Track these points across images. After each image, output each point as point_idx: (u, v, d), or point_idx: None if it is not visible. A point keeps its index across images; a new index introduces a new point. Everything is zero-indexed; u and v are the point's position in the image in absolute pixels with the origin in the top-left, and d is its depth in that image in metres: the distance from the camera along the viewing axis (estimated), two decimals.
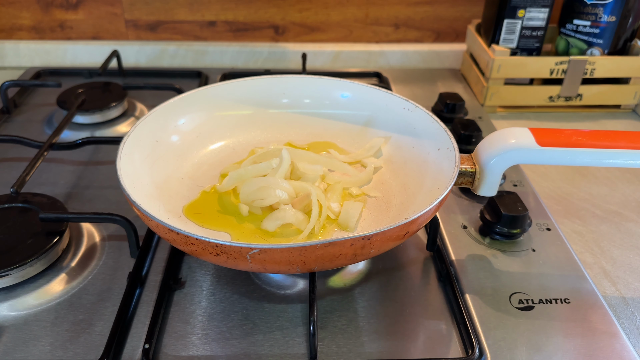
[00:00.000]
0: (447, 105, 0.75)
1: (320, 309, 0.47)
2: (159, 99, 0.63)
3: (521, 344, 0.44)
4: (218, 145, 0.62)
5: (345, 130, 0.64)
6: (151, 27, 0.94)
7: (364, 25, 0.95)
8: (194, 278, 0.50)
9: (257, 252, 0.39)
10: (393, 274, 0.51)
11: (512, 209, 0.53)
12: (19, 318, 0.46)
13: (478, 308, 0.47)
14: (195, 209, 0.53)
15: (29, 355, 0.43)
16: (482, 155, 0.48)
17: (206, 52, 0.94)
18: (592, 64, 0.78)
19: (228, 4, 0.91)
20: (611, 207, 0.63)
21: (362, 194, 0.56)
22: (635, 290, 0.51)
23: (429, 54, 0.96)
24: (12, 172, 0.63)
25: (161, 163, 0.55)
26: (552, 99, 0.82)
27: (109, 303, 0.47)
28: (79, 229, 0.55)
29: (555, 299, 0.48)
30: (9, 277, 0.47)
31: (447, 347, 0.44)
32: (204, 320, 0.46)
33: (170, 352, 0.43)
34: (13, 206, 0.54)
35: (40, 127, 0.74)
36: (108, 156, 0.67)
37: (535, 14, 0.78)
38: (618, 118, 0.83)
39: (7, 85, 0.76)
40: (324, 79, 0.64)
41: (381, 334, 0.45)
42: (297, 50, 0.94)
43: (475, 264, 0.52)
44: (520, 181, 0.64)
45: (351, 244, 0.40)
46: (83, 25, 0.93)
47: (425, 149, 0.55)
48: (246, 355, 0.43)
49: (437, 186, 0.50)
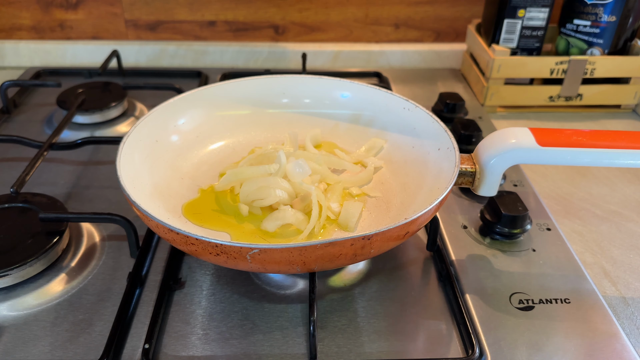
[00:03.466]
0: (447, 105, 0.75)
1: (320, 309, 0.47)
2: (159, 99, 0.63)
3: (521, 344, 0.44)
4: (218, 145, 0.62)
5: (345, 130, 0.64)
6: (151, 27, 0.94)
7: (364, 25, 0.95)
8: (194, 278, 0.50)
9: (257, 252, 0.39)
10: (393, 274, 0.51)
11: (512, 209, 0.53)
12: (19, 318, 0.46)
13: (478, 308, 0.47)
14: (194, 208, 0.53)
15: (29, 355, 0.43)
16: (482, 155, 0.48)
17: (206, 52, 0.94)
18: (592, 64, 0.78)
19: (228, 4, 0.91)
20: (611, 207, 0.63)
21: (362, 194, 0.56)
22: (635, 290, 0.51)
23: (429, 54, 0.96)
24: (12, 172, 0.63)
25: (161, 163, 0.55)
26: (552, 99, 0.82)
27: (109, 303, 0.47)
28: (79, 229, 0.55)
29: (556, 299, 0.48)
30: (9, 277, 0.47)
31: (447, 347, 0.44)
32: (204, 320, 0.46)
33: (170, 352, 0.43)
34: (13, 206, 0.54)
35: (40, 127, 0.74)
36: (108, 156, 0.67)
37: (536, 13, 0.78)
38: (618, 118, 0.83)
39: (7, 85, 0.76)
40: (324, 79, 0.64)
41: (381, 334, 0.45)
42: (297, 50, 0.94)
43: (476, 264, 0.52)
44: (520, 181, 0.64)
45: (351, 244, 0.40)
46: (83, 25, 0.93)
47: (425, 149, 0.55)
48: (246, 355, 0.43)
49: (437, 186, 0.50)
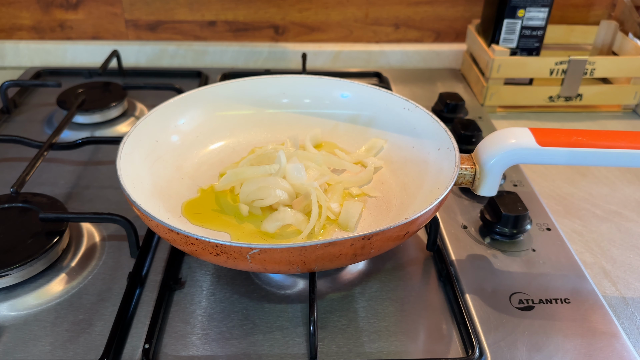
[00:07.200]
0: (447, 105, 0.75)
1: (320, 309, 0.47)
2: (159, 99, 0.63)
3: (521, 344, 0.44)
4: (218, 145, 0.62)
5: (345, 130, 0.64)
6: (151, 27, 0.94)
7: (364, 25, 0.95)
8: (194, 278, 0.50)
9: (257, 252, 0.39)
10: (393, 274, 0.51)
11: (512, 209, 0.53)
12: (19, 318, 0.46)
13: (478, 308, 0.47)
14: (194, 208, 0.53)
15: (29, 355, 0.43)
16: (482, 155, 0.48)
17: (206, 52, 0.94)
18: (592, 64, 0.78)
19: (228, 4, 0.91)
20: (611, 207, 0.63)
21: (362, 194, 0.56)
22: (635, 290, 0.51)
23: (429, 54, 0.96)
24: (12, 172, 0.63)
25: (161, 163, 0.55)
26: (552, 99, 0.82)
27: (109, 303, 0.47)
28: (79, 229, 0.55)
29: (555, 299, 0.48)
30: (9, 277, 0.47)
31: (447, 347, 0.44)
32: (204, 320, 0.46)
33: (170, 352, 0.43)
34: (13, 206, 0.54)
35: (40, 127, 0.74)
36: (108, 156, 0.67)
37: (535, 13, 0.78)
38: (618, 118, 0.83)
39: (7, 85, 0.76)
40: (324, 79, 0.64)
41: (381, 334, 0.45)
42: (297, 50, 0.94)
43: (475, 264, 0.52)
44: (520, 181, 0.64)
45: (351, 244, 0.40)
46: (83, 25, 0.93)
47: (425, 149, 0.55)
48: (246, 355, 0.43)
49: (437, 186, 0.50)
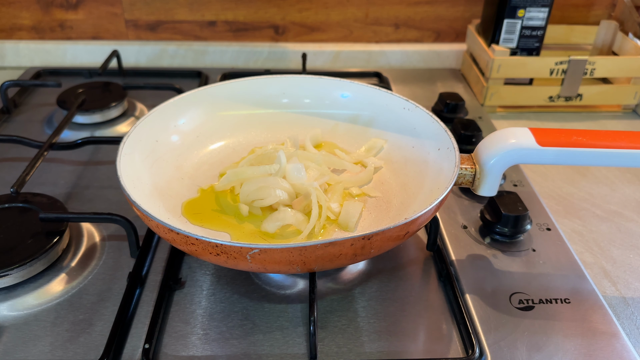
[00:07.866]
0: (447, 105, 0.75)
1: (320, 309, 0.47)
2: (159, 99, 0.63)
3: (521, 344, 0.44)
4: (218, 145, 0.62)
5: (345, 130, 0.64)
6: (151, 27, 0.94)
7: (364, 25, 0.95)
8: (194, 278, 0.50)
9: (257, 252, 0.39)
10: (393, 274, 0.51)
11: (512, 209, 0.53)
12: (19, 318, 0.46)
13: (478, 308, 0.47)
14: (194, 208, 0.53)
15: (29, 355, 0.43)
16: (482, 155, 0.48)
17: (206, 52, 0.94)
18: (592, 64, 0.78)
19: (228, 4, 0.91)
20: (611, 207, 0.63)
21: (362, 194, 0.56)
22: (635, 290, 0.51)
23: (429, 54, 0.96)
24: (12, 172, 0.63)
25: (161, 163, 0.55)
26: (552, 99, 0.82)
27: (109, 303, 0.47)
28: (79, 229, 0.55)
29: (555, 299, 0.48)
30: (9, 277, 0.47)
31: (447, 347, 0.44)
32: (204, 320, 0.46)
33: (170, 352, 0.43)
34: (13, 206, 0.54)
35: (40, 127, 0.74)
36: (108, 156, 0.67)
37: (535, 13, 0.78)
38: (618, 118, 0.83)
39: (7, 85, 0.76)
40: (324, 79, 0.64)
41: (381, 334, 0.45)
42: (297, 50, 0.94)
43: (475, 264, 0.52)
44: (520, 181, 0.64)
45: (351, 244, 0.40)
46: (83, 25, 0.93)
47: (425, 149, 0.55)
48: (246, 355, 0.43)
49: (437, 186, 0.50)
